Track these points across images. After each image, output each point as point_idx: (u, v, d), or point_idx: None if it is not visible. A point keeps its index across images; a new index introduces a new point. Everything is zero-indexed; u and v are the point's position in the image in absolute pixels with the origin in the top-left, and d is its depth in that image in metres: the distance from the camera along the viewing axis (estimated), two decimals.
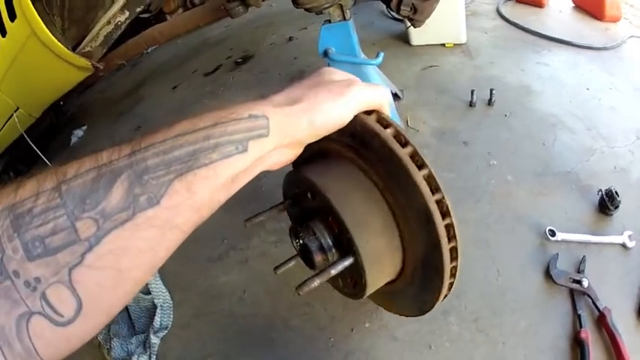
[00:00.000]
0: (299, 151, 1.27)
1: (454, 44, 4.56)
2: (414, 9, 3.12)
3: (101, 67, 4.55)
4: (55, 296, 0.84)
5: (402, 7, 3.12)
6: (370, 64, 3.40)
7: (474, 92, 3.69)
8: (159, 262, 1.00)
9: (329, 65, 3.27)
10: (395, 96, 3.81)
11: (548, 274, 2.49)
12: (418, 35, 4.56)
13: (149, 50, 7.17)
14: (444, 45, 4.57)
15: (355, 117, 1.36)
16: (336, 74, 1.37)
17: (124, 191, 0.88)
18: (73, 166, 0.90)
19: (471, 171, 3.19)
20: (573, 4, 5.25)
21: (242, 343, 2.54)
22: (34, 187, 0.86)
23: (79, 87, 5.52)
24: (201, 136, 0.98)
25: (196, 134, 0.98)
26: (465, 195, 3.02)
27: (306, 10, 3.19)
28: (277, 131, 1.11)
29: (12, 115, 4.54)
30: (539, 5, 5.20)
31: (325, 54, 3.39)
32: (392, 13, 5.09)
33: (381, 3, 5.11)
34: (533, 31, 4.67)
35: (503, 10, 5.11)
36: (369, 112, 1.41)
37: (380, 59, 3.36)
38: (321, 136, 1.26)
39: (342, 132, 1.35)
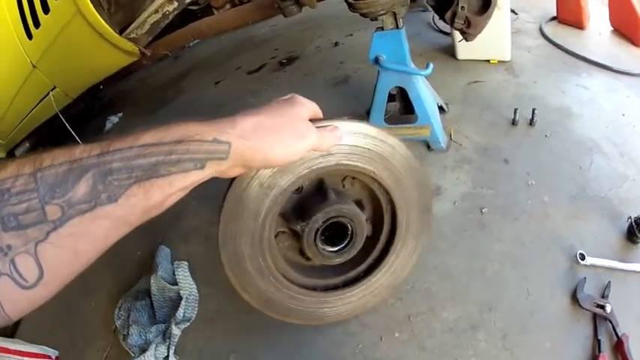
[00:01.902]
0: (249, 172, 1.49)
1: (499, 61, 4.49)
2: (468, 22, 3.03)
3: (148, 53, 4.46)
4: (21, 263, 0.96)
5: (455, 20, 3.02)
6: (420, 75, 3.37)
7: (517, 111, 3.64)
8: (108, 248, 1.09)
9: (379, 72, 3.37)
10: (440, 109, 3.77)
11: (574, 297, 2.50)
12: (464, 50, 4.50)
13: (193, 44, 7.14)
14: (488, 61, 4.50)
15: None
16: (304, 108, 1.46)
17: (88, 187, 0.99)
18: (49, 156, 1.00)
19: (510, 189, 3.17)
20: (612, 27, 5.11)
21: (268, 342, 2.49)
22: (14, 170, 0.97)
23: (118, 73, 5.45)
24: (164, 150, 1.08)
25: (161, 147, 1.07)
26: (503, 213, 3.02)
27: (362, 15, 3.13)
28: (235, 157, 1.20)
29: (48, 93, 4.47)
30: (580, 27, 5.08)
31: (376, 61, 3.32)
32: (438, 25, 5.14)
33: (428, 14, 5.28)
34: (575, 53, 4.57)
35: (546, 30, 5.01)
36: None
37: (429, 70, 3.27)
38: (276, 166, 1.50)
39: None
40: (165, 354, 2.69)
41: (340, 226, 1.97)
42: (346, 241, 2.02)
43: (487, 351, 2.40)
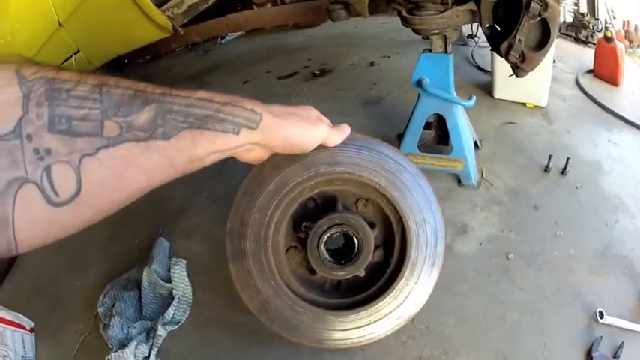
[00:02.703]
0: (266, 154, 1.45)
1: (535, 105, 4.44)
2: (523, 57, 2.90)
3: (181, 32, 4.31)
4: (59, 174, 0.89)
5: (511, 53, 2.89)
6: (462, 105, 3.26)
7: (552, 158, 3.55)
8: (149, 188, 1.08)
9: (419, 96, 3.26)
10: (474, 145, 3.64)
11: (589, 355, 2.41)
12: (502, 89, 4.44)
13: (224, 40, 7.15)
14: (524, 104, 4.45)
15: None
16: (316, 114, 1.55)
17: (150, 116, 1.00)
18: (113, 78, 0.98)
19: (537, 237, 3.06)
20: None
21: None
22: (76, 76, 0.92)
23: (144, 51, 5.32)
24: (214, 107, 1.14)
25: (212, 104, 1.14)
26: (528, 260, 2.91)
27: (414, 31, 3.04)
28: (263, 131, 1.28)
29: (70, 57, 4.31)
30: (615, 83, 5.11)
31: (419, 83, 3.16)
32: (477, 61, 5.04)
33: (468, 49, 5.20)
34: (608, 108, 4.55)
35: (582, 82, 4.99)
36: None
37: (472, 102, 3.18)
38: (289, 152, 1.48)
39: None
40: (147, 354, 2.51)
41: (348, 241, 1.99)
42: (352, 255, 1.97)
43: None
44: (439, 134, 3.48)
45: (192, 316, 2.69)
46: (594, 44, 5.56)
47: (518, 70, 3.03)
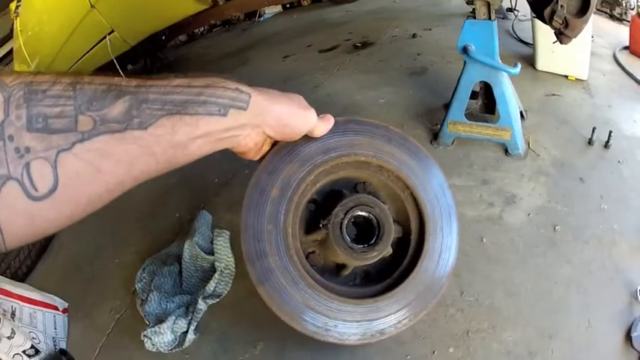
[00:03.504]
0: (261, 140, 1.38)
1: (576, 78, 4.42)
2: (566, 23, 2.85)
3: (221, 2, 4.21)
4: (37, 169, 0.88)
5: (554, 18, 2.84)
6: (508, 72, 3.20)
7: (595, 130, 3.52)
8: (130, 181, 1.04)
9: (465, 64, 3.25)
10: (520, 114, 3.60)
11: (628, 335, 2.36)
12: (544, 61, 4.46)
13: (262, 19, 7.15)
14: (566, 77, 4.44)
15: None
16: (305, 102, 1.47)
17: (124, 108, 0.97)
18: (88, 76, 0.97)
19: (583, 210, 3.03)
20: None
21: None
22: (52, 77, 0.93)
23: (181, 30, 5.31)
24: (194, 91, 1.08)
25: (191, 89, 1.08)
26: (575, 234, 2.87)
27: None
28: (253, 110, 1.21)
29: (105, 37, 4.34)
30: None
31: (464, 50, 3.12)
32: (518, 34, 5.00)
33: (508, 22, 5.17)
34: None
35: (620, 58, 4.94)
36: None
37: (518, 69, 3.12)
38: (282, 137, 1.41)
39: None
40: (185, 329, 2.46)
41: (364, 225, 1.90)
42: (376, 235, 1.86)
43: None
44: (486, 103, 3.44)
45: (235, 290, 2.62)
46: (628, 21, 5.48)
47: (562, 36, 2.99)
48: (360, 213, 1.82)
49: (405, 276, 1.85)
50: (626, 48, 5.12)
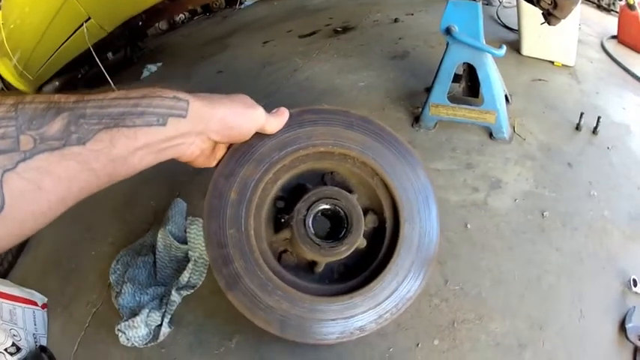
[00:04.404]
0: (208, 146, 1.37)
1: (562, 64, 4.31)
2: (554, 3, 2.80)
3: None
4: None
5: (542, 0, 2.80)
6: (493, 53, 3.10)
7: (583, 116, 3.43)
8: (71, 198, 1.04)
9: (448, 45, 3.17)
10: (505, 98, 3.50)
11: (622, 326, 2.31)
12: (529, 46, 4.36)
13: (243, 5, 7.17)
14: (552, 62, 4.33)
15: None
16: (251, 100, 1.47)
17: (62, 125, 0.99)
18: (31, 95, 1.00)
19: (572, 196, 2.96)
20: None
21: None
22: None
23: (158, 17, 5.33)
24: (131, 103, 1.09)
25: (128, 100, 1.09)
26: (564, 220, 2.79)
27: None
28: (194, 117, 1.21)
29: (82, 24, 4.30)
30: (638, 50, 4.95)
31: (447, 31, 3.04)
32: (502, 19, 4.97)
33: (492, 9, 5.13)
34: (635, 74, 4.40)
35: (607, 46, 4.90)
36: None
37: (503, 51, 3.03)
38: (229, 139, 1.42)
39: None
40: (159, 322, 2.38)
41: (333, 220, 1.89)
42: (345, 227, 1.83)
43: None
44: (469, 85, 3.36)
45: (210, 280, 2.55)
46: (616, 12, 5.48)
47: (550, 17, 2.93)
48: (325, 206, 1.79)
49: (382, 268, 1.80)
50: (613, 37, 5.10)
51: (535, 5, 2.90)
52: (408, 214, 1.79)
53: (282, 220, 1.79)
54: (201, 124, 1.25)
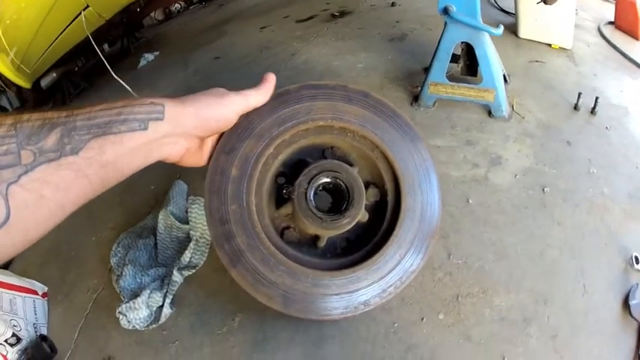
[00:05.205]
0: (194, 145, 1.43)
1: (559, 47, 4.30)
2: None
3: None
4: None
5: None
6: (490, 32, 3.08)
7: (581, 96, 3.44)
8: (69, 205, 1.10)
9: (446, 24, 3.16)
10: (503, 78, 3.49)
11: (626, 303, 2.32)
12: (527, 29, 4.35)
13: None
14: (549, 45, 4.32)
15: None
16: (225, 90, 1.52)
17: (57, 138, 1.06)
18: (27, 114, 1.07)
19: (572, 173, 2.98)
20: None
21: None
22: None
23: (156, 4, 5.33)
24: (114, 112, 1.17)
25: (112, 110, 1.17)
26: (565, 196, 2.82)
27: None
28: (171, 118, 1.27)
29: (80, 13, 4.31)
30: (635, 36, 4.93)
31: (445, 11, 3.03)
32: (499, 3, 4.94)
33: None
34: (632, 58, 4.42)
35: (604, 31, 4.88)
36: None
37: (500, 30, 3.00)
38: (211, 132, 1.45)
39: None
40: (160, 303, 2.37)
41: (335, 193, 1.87)
42: (347, 199, 1.79)
43: (536, 350, 2.17)
44: (468, 64, 3.36)
45: (212, 259, 2.54)
46: None
47: None
48: (326, 180, 1.77)
49: (385, 241, 1.75)
50: (610, 23, 5.09)
51: None
52: (409, 186, 1.75)
53: (284, 192, 1.75)
54: (180, 125, 1.31)
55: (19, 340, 2.40)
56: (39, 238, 1.08)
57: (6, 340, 2.36)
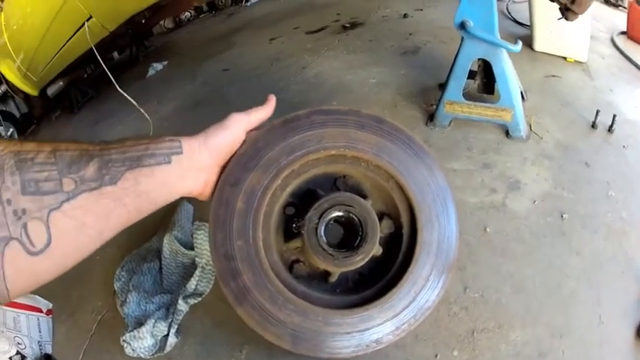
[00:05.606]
0: (212, 178, 1.51)
1: (575, 60, 4.23)
2: None
3: None
4: (33, 228, 1.01)
5: None
6: (508, 49, 3.02)
7: (599, 113, 3.34)
8: (108, 232, 1.17)
9: (463, 40, 3.08)
10: (521, 95, 3.41)
11: (639, 332, 2.26)
12: (542, 42, 4.28)
13: (249, 3, 7.21)
14: (564, 58, 4.25)
15: None
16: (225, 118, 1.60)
17: (96, 169, 1.13)
18: (63, 144, 1.11)
19: (591, 197, 2.87)
20: None
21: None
22: (35, 146, 1.07)
23: (163, 14, 5.37)
24: (143, 147, 1.26)
25: (140, 146, 1.26)
26: (584, 222, 2.71)
27: None
28: (187, 150, 1.36)
29: (83, 24, 4.29)
30: None
31: (462, 26, 2.95)
32: (513, 14, 4.91)
33: (502, 4, 5.03)
34: None
35: (617, 42, 4.83)
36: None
37: (519, 47, 2.95)
38: (227, 155, 1.53)
39: None
40: (165, 332, 2.31)
41: (347, 227, 1.79)
42: (360, 234, 1.73)
43: None
44: (485, 82, 3.29)
45: (218, 287, 2.35)
46: (624, 7, 5.46)
47: (568, 12, 2.90)
48: (338, 214, 1.71)
49: (399, 276, 1.71)
50: (623, 33, 5.02)
51: (552, 0, 2.83)
52: (426, 218, 1.70)
53: (294, 227, 1.70)
54: (195, 158, 1.40)
55: (23, 358, 2.38)
56: (76, 263, 1.12)
57: (10, 358, 2.34)
